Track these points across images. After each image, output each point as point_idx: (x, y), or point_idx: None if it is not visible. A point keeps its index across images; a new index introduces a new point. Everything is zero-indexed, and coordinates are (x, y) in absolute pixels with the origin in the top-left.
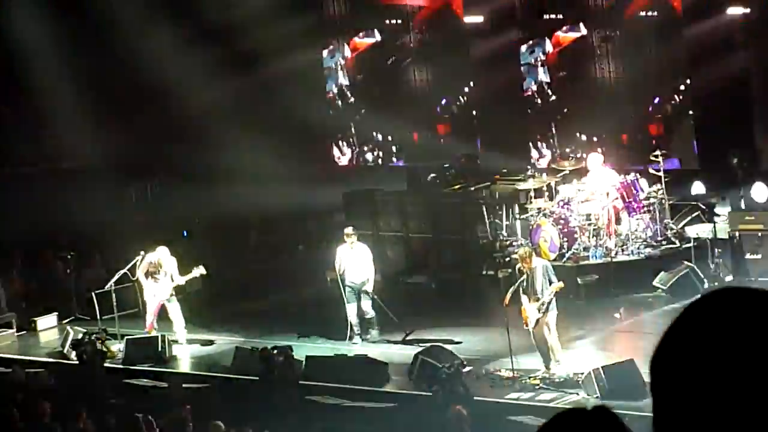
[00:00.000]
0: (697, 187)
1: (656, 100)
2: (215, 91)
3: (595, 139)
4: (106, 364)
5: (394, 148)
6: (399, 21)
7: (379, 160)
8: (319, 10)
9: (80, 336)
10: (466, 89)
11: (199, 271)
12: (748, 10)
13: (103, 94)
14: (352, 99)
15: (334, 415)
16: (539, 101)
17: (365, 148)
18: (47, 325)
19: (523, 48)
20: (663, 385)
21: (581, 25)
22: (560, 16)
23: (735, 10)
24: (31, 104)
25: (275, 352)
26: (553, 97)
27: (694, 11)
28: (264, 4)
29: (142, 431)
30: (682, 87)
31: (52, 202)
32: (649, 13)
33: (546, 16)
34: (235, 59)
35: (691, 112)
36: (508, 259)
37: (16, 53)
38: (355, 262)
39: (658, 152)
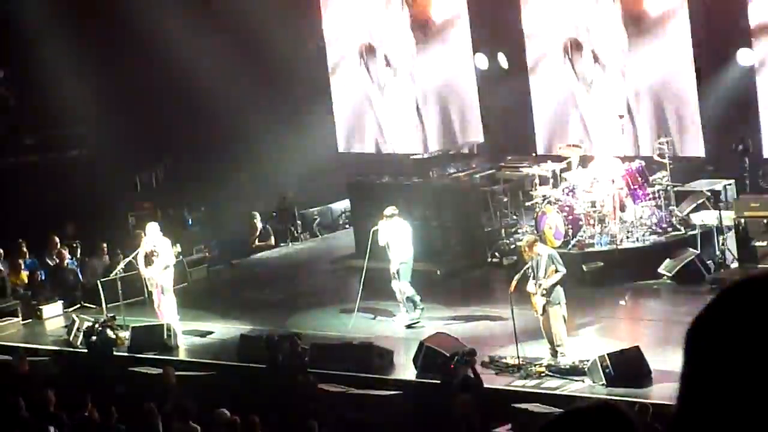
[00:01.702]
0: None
1: None
2: (226, 78)
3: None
4: (114, 353)
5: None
6: None
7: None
8: None
9: (88, 324)
10: None
11: (176, 249)
12: None
13: (110, 82)
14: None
15: (339, 403)
16: None
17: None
18: (53, 313)
19: None
20: (695, 356)
21: None
22: None
23: None
24: (36, 92)
25: (281, 339)
26: None
27: None
28: None
29: (150, 418)
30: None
31: (58, 191)
32: None
33: None
34: (246, 45)
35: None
36: (513, 246)
37: (21, 41)
38: (394, 239)
39: (663, 139)
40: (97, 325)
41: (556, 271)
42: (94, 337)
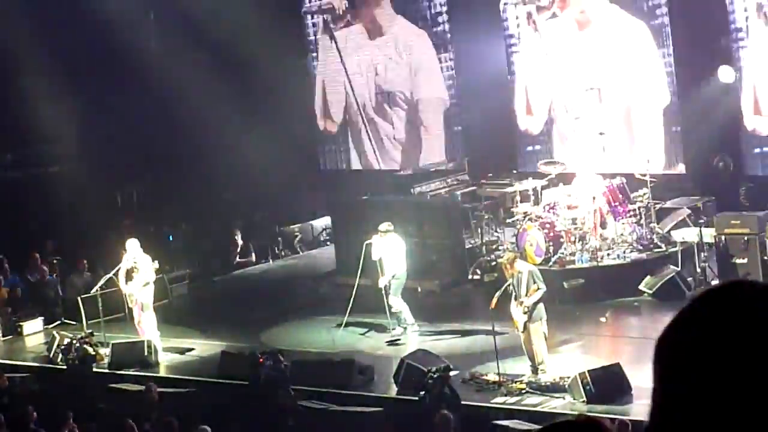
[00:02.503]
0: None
1: None
2: (206, 94)
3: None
4: (94, 369)
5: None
6: None
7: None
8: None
9: (67, 341)
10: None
11: (155, 265)
12: None
13: (91, 99)
14: None
15: (320, 420)
16: None
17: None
18: (33, 329)
19: None
20: (665, 369)
21: None
22: None
23: None
24: (16, 108)
25: (263, 356)
26: None
27: None
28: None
29: None
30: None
31: (39, 207)
32: None
33: None
34: (227, 62)
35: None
36: (494, 263)
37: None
38: (388, 255)
39: (644, 156)
40: (74, 342)
41: (538, 288)
42: (71, 354)
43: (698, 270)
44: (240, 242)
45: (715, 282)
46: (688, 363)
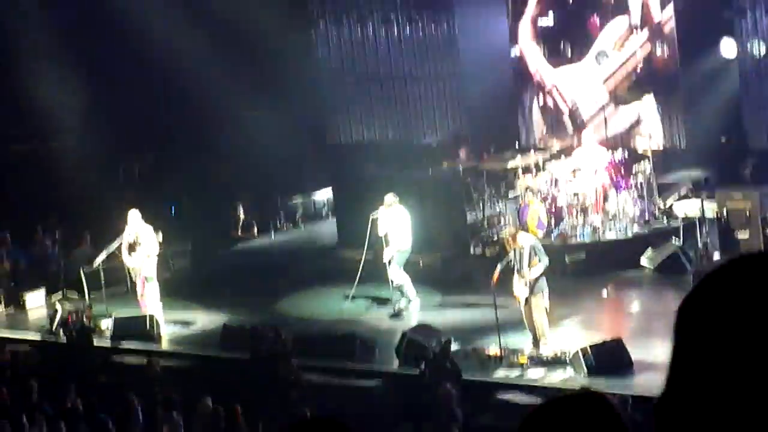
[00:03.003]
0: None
1: None
2: (209, 67)
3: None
4: (95, 342)
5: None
6: None
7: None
8: None
9: (67, 314)
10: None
11: (159, 237)
12: None
13: (93, 73)
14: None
15: (322, 394)
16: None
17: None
18: (35, 301)
19: None
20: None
21: None
22: None
23: None
24: (19, 82)
25: (264, 329)
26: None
27: None
28: None
29: (131, 408)
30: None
31: (41, 181)
32: None
33: None
34: (229, 34)
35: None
36: (496, 237)
37: (2, 28)
38: (393, 227)
39: (647, 130)
40: (74, 315)
41: (539, 261)
42: (72, 327)
43: (700, 244)
44: (242, 216)
45: (717, 256)
46: (706, 330)
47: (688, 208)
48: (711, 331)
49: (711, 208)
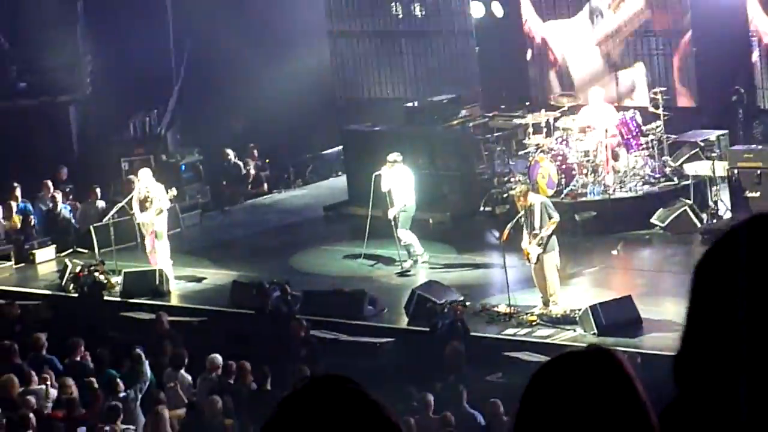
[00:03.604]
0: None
1: None
2: (222, 24)
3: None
4: (105, 297)
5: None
6: None
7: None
8: None
9: (78, 269)
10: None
11: (172, 192)
12: None
13: (105, 27)
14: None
15: (331, 350)
16: None
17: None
18: (45, 257)
19: None
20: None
21: None
22: None
23: None
24: (29, 35)
25: (271, 286)
26: None
27: None
28: None
29: (138, 364)
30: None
31: (51, 135)
32: None
33: None
34: None
35: (694, 49)
36: (506, 195)
37: None
38: (397, 186)
39: (657, 89)
40: (85, 270)
41: (550, 218)
42: (83, 282)
43: (710, 203)
44: (252, 172)
45: (727, 216)
46: (722, 287)
47: (698, 167)
48: (727, 289)
49: (722, 167)
